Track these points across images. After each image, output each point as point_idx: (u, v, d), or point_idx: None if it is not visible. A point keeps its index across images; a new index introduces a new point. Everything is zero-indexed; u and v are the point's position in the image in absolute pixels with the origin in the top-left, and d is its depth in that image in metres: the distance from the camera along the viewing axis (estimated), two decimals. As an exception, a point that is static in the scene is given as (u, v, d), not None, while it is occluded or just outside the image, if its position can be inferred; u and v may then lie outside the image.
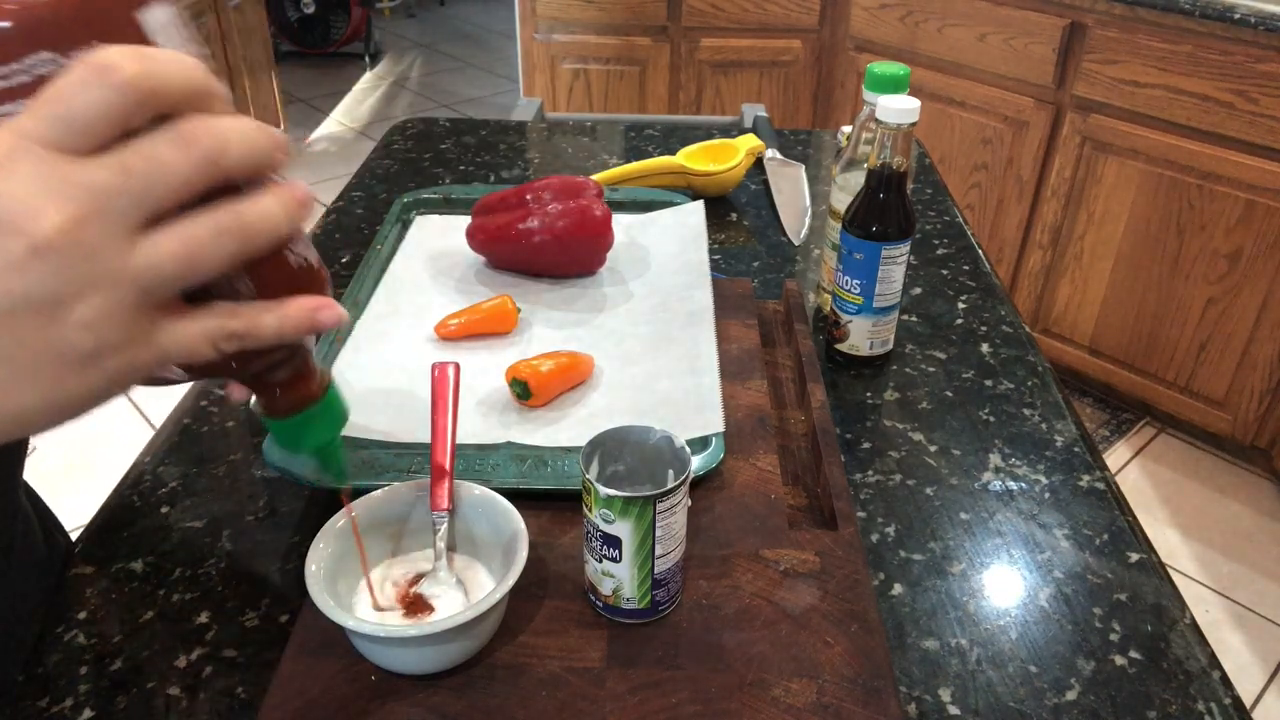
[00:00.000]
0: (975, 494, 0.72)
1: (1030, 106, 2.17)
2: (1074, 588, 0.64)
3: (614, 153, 1.31)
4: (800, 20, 2.57)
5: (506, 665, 0.56)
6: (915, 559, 0.66)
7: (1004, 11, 2.14)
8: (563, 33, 2.64)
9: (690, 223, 1.01)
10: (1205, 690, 0.57)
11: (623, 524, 0.54)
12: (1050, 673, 0.58)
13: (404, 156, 1.29)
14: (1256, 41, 1.80)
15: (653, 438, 0.59)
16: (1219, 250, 1.99)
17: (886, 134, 0.76)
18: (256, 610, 0.62)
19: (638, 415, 0.70)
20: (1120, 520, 0.70)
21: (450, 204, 1.07)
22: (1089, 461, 0.76)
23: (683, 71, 2.66)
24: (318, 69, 4.78)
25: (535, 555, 0.62)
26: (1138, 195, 2.06)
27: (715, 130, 1.39)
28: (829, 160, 1.30)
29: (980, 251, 1.07)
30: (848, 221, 0.81)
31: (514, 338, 0.85)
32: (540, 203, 0.90)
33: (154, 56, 0.33)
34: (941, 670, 0.58)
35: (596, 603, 0.59)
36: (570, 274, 0.94)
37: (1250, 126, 1.86)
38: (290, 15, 4.58)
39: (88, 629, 0.60)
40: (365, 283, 0.91)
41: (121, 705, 0.55)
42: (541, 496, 0.67)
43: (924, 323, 0.94)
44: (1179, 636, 0.61)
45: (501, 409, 0.76)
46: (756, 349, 0.84)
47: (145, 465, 0.75)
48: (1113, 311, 2.20)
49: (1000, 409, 0.82)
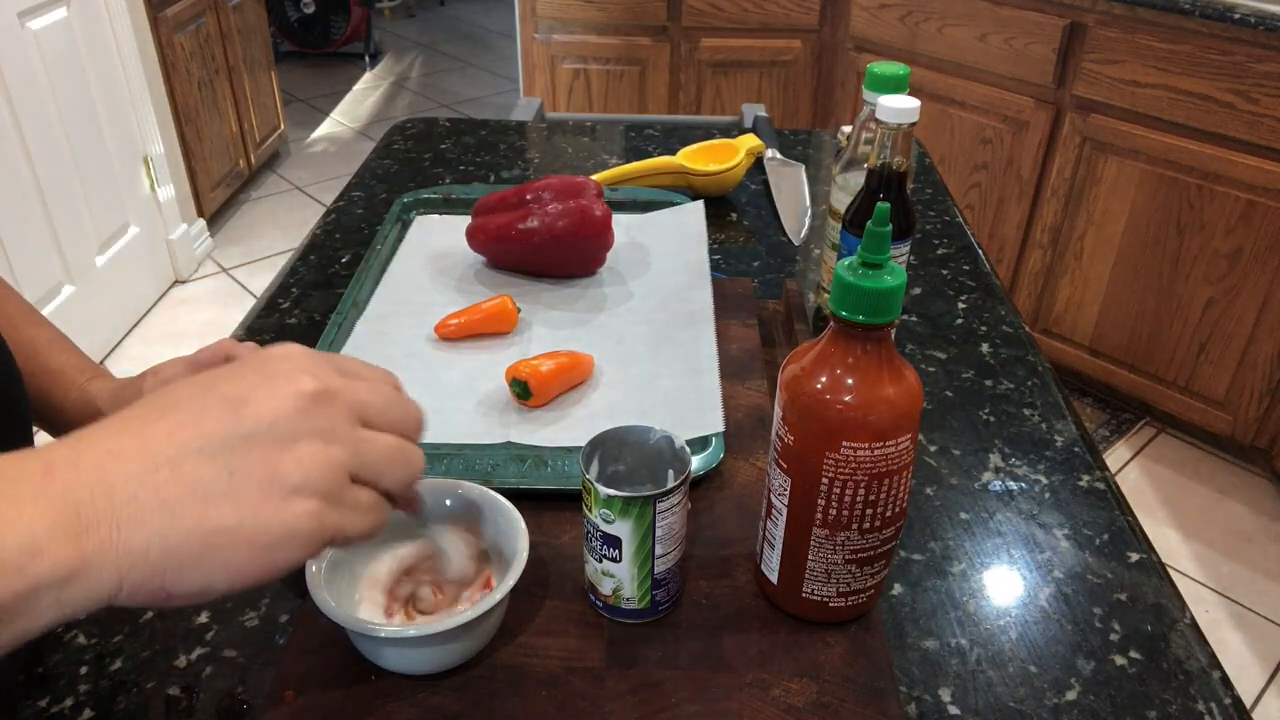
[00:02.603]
0: (975, 494, 0.72)
1: (1030, 106, 2.17)
2: (1074, 588, 0.64)
3: (614, 153, 1.31)
4: (800, 20, 2.57)
5: (506, 665, 0.56)
6: (915, 559, 0.66)
7: (1004, 11, 2.14)
8: (563, 33, 2.64)
9: (690, 223, 1.01)
10: (1205, 690, 0.57)
11: (623, 524, 0.54)
12: (1050, 673, 0.58)
13: (404, 156, 1.29)
14: (1256, 41, 1.80)
15: (653, 438, 0.59)
16: (1219, 250, 1.99)
17: (886, 134, 0.76)
18: (256, 610, 0.62)
19: (638, 415, 0.70)
20: (1120, 520, 0.70)
21: (450, 204, 1.07)
22: (1089, 461, 0.76)
23: (683, 71, 2.66)
24: (318, 69, 4.78)
25: (535, 555, 0.62)
26: (1138, 195, 2.06)
27: (715, 130, 1.39)
28: (829, 160, 1.30)
29: (980, 251, 1.07)
30: (848, 221, 0.81)
31: (514, 338, 0.85)
32: (540, 203, 0.90)
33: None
34: (941, 670, 0.58)
35: (596, 603, 0.59)
36: (570, 274, 0.94)
37: (1250, 126, 1.86)
38: (290, 15, 4.58)
39: (88, 629, 0.60)
40: (365, 283, 0.91)
41: (121, 705, 0.55)
42: (541, 496, 0.67)
43: (924, 323, 0.94)
44: (1179, 636, 0.61)
45: (501, 409, 0.76)
46: (756, 349, 0.84)
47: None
48: (1113, 311, 2.20)
49: (1000, 409, 0.82)
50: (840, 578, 0.57)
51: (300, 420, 0.41)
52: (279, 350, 0.44)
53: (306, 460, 0.40)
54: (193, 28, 2.86)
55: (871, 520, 0.55)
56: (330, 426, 0.42)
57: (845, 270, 0.51)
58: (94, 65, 2.41)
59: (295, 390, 0.41)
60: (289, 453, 0.40)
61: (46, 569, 0.35)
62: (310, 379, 0.42)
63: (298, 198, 3.46)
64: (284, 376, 0.42)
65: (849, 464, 0.52)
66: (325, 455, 0.41)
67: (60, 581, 0.35)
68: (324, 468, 0.41)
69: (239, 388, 0.41)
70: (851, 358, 0.52)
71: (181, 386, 0.42)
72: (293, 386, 0.41)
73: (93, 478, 0.37)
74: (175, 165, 2.81)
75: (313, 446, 0.41)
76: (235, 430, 0.39)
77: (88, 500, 0.36)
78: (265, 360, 0.43)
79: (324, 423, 0.42)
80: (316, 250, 1.05)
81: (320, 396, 0.42)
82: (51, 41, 2.24)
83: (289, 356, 0.44)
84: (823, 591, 0.57)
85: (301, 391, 0.41)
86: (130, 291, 2.64)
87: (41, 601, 0.35)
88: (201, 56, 2.92)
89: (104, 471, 0.37)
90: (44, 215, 2.23)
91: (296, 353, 0.44)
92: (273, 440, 0.40)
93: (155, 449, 0.38)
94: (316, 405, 0.42)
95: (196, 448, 0.39)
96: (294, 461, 0.40)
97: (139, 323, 2.68)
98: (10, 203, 2.10)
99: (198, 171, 2.91)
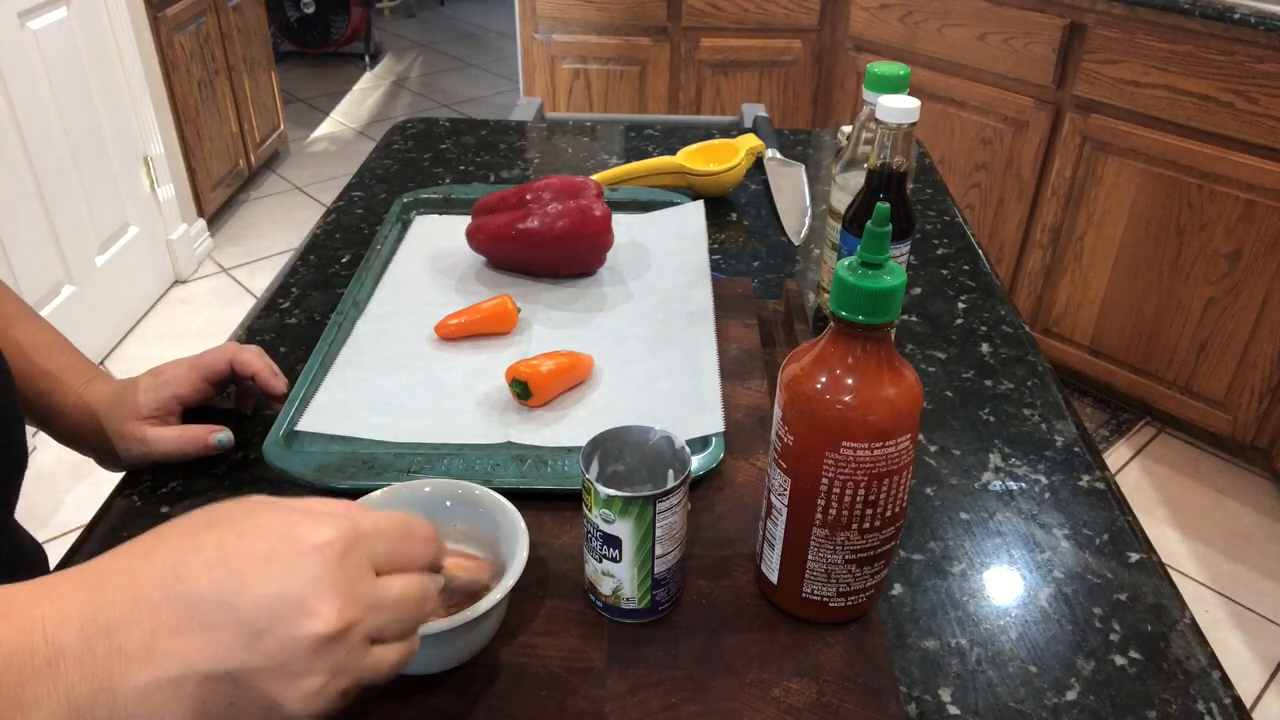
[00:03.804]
0: (975, 494, 0.72)
1: (1030, 106, 2.17)
2: (1074, 588, 0.64)
3: (614, 153, 1.31)
4: (800, 20, 2.57)
5: (506, 665, 0.56)
6: (915, 559, 0.66)
7: (1004, 11, 2.14)
8: (563, 33, 2.64)
9: (690, 223, 1.01)
10: (1205, 690, 0.57)
11: (623, 524, 0.54)
12: (1050, 673, 0.58)
13: (404, 156, 1.29)
14: (1256, 41, 1.80)
15: (653, 438, 0.59)
16: (1219, 250, 1.99)
17: (886, 134, 0.76)
18: (256, 610, 0.62)
19: (638, 415, 0.70)
20: (1120, 520, 0.70)
21: (450, 204, 1.07)
22: (1089, 461, 0.76)
23: (683, 71, 2.66)
24: (318, 69, 4.78)
25: (535, 555, 0.62)
26: (1138, 195, 2.06)
27: (715, 130, 1.39)
28: (829, 160, 1.30)
29: (980, 251, 1.07)
30: (848, 221, 0.81)
31: (514, 338, 0.85)
32: (540, 203, 0.90)
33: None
34: (941, 670, 0.58)
35: (596, 603, 0.59)
36: (570, 274, 0.94)
37: (1250, 126, 1.86)
38: (290, 15, 4.58)
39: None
40: (365, 283, 0.91)
41: (121, 705, 0.55)
42: (541, 496, 0.67)
43: (924, 323, 0.94)
44: (1179, 636, 0.61)
45: (501, 409, 0.76)
46: (756, 349, 0.84)
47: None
48: (1113, 311, 2.20)
49: (1000, 409, 0.82)
50: (840, 578, 0.57)
51: (313, 660, 0.39)
52: (315, 535, 0.41)
53: (309, 696, 0.40)
54: (193, 28, 2.86)
55: (871, 520, 0.55)
56: (343, 664, 0.40)
57: (845, 270, 0.51)
58: (94, 65, 2.41)
59: (313, 632, 0.39)
60: (293, 689, 0.39)
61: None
62: (334, 617, 0.39)
63: (298, 198, 3.46)
64: (307, 611, 0.39)
65: (849, 464, 0.52)
66: (330, 688, 0.40)
67: None
68: (326, 699, 0.40)
69: (259, 613, 0.39)
70: (851, 358, 0.52)
71: (209, 555, 0.39)
72: (312, 626, 0.39)
73: (97, 684, 0.37)
74: (175, 165, 2.81)
75: (319, 683, 0.40)
76: (245, 662, 0.38)
77: (88, 708, 0.37)
78: (294, 570, 0.40)
79: (338, 660, 0.40)
80: (316, 250, 1.05)
81: (339, 637, 0.40)
82: (51, 41, 2.24)
83: (325, 562, 0.40)
84: (823, 591, 0.57)
85: (319, 635, 0.39)
86: (130, 291, 2.64)
87: None
88: (201, 56, 2.92)
89: (109, 677, 0.37)
90: (44, 215, 2.23)
91: (333, 557, 0.41)
92: (282, 677, 0.39)
93: (163, 662, 0.38)
94: (332, 647, 0.40)
95: (204, 672, 0.38)
96: (297, 697, 0.40)
97: (139, 323, 2.68)
98: (10, 202, 2.10)
99: (198, 171, 2.91)
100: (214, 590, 0.39)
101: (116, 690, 0.37)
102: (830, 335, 0.53)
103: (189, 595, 0.39)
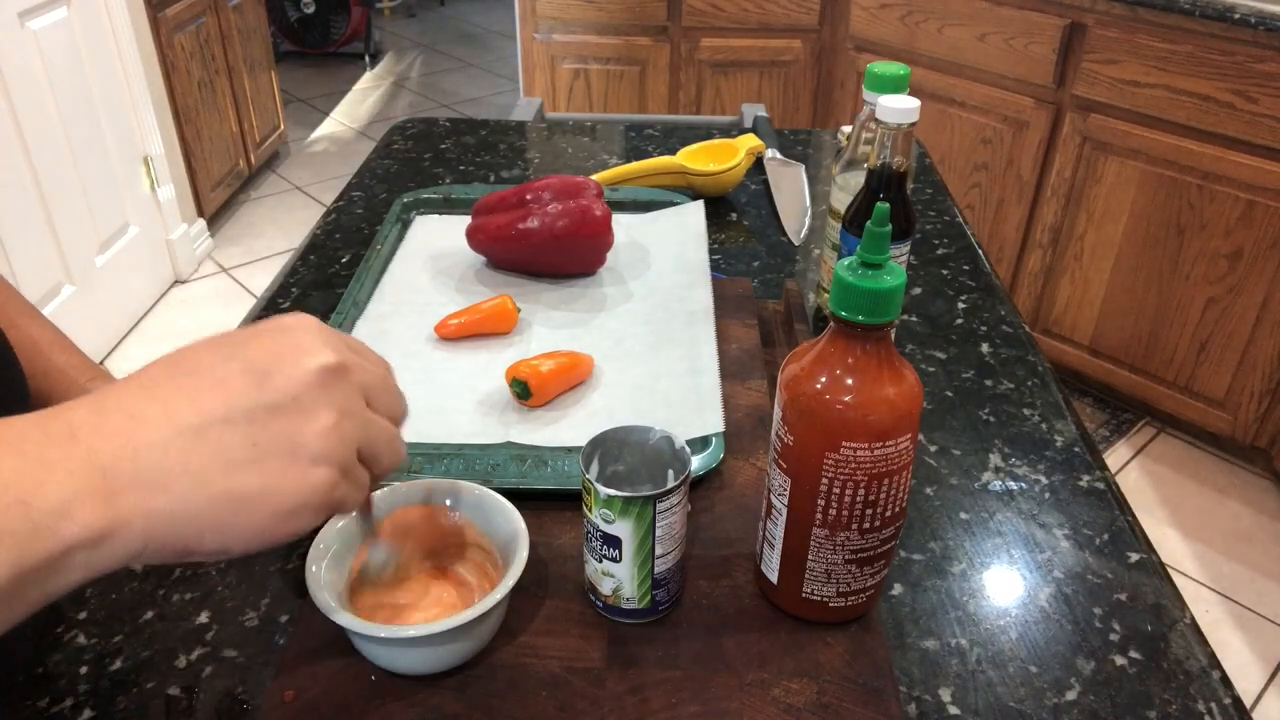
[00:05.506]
0: (975, 494, 0.72)
1: (1030, 106, 2.17)
2: (1074, 588, 0.64)
3: (614, 153, 1.31)
4: (800, 20, 2.57)
5: (506, 665, 0.56)
6: (915, 559, 0.66)
7: (1004, 11, 2.14)
8: (563, 33, 2.64)
9: (690, 223, 1.01)
10: (1205, 690, 0.57)
11: (623, 524, 0.54)
12: (1050, 673, 0.58)
13: (404, 156, 1.29)
14: (1256, 41, 1.80)
15: (653, 438, 0.59)
16: (1219, 250, 1.99)
17: (886, 134, 0.76)
18: (256, 610, 0.62)
19: (638, 415, 0.70)
20: (1120, 520, 0.70)
21: (450, 204, 1.07)
22: (1089, 461, 0.76)
23: (683, 71, 2.66)
24: (318, 69, 4.78)
25: (535, 555, 0.62)
26: (1138, 195, 2.06)
27: (715, 130, 1.39)
28: (829, 160, 1.30)
29: (980, 251, 1.07)
30: (848, 221, 0.81)
31: (514, 338, 0.85)
32: (540, 203, 0.90)
33: None
34: (941, 670, 0.58)
35: (596, 603, 0.59)
36: (570, 274, 0.94)
37: (1250, 126, 1.86)
38: (290, 15, 4.58)
39: (88, 629, 0.60)
40: (365, 283, 0.91)
41: (121, 705, 0.55)
42: (541, 496, 0.67)
43: (924, 323, 0.94)
44: (1179, 636, 0.61)
45: (501, 409, 0.76)
46: (756, 349, 0.84)
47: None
48: (1113, 311, 2.20)
49: (1000, 409, 0.82)
50: (840, 578, 0.57)
51: (320, 394, 0.42)
52: (295, 321, 0.45)
53: (326, 433, 0.42)
54: (193, 28, 2.86)
55: (871, 520, 0.55)
56: (346, 402, 0.43)
57: (845, 270, 0.51)
58: (94, 65, 2.41)
59: (317, 364, 0.42)
60: (310, 424, 0.41)
61: (77, 531, 0.36)
62: (330, 353, 0.43)
63: (298, 198, 3.46)
64: (305, 350, 0.43)
65: (849, 464, 0.52)
66: (342, 429, 0.42)
67: (90, 544, 0.36)
68: (341, 441, 0.42)
69: (261, 357, 0.42)
70: (851, 358, 0.52)
71: (202, 350, 0.42)
72: (313, 360, 0.42)
73: (117, 442, 0.37)
74: (175, 165, 2.81)
75: (332, 419, 0.42)
76: (259, 401, 0.40)
77: (113, 464, 0.37)
78: (283, 330, 0.44)
79: (341, 398, 0.43)
80: (316, 250, 1.05)
81: (338, 371, 0.43)
82: (51, 41, 2.24)
83: (307, 329, 0.44)
84: (823, 591, 0.58)
85: (323, 366, 0.42)
86: (130, 291, 2.64)
87: (72, 562, 0.36)
88: (201, 56, 2.92)
89: (128, 436, 0.38)
90: (44, 215, 2.23)
91: (312, 325, 0.45)
92: (295, 411, 0.41)
93: (179, 415, 0.39)
94: (335, 380, 0.43)
95: (221, 416, 0.39)
96: (315, 433, 0.41)
97: (139, 323, 2.68)
98: (10, 202, 2.10)
99: (198, 171, 2.91)
100: (220, 356, 0.42)
101: (138, 446, 0.38)
102: (830, 335, 0.53)
103: (196, 367, 0.41)
